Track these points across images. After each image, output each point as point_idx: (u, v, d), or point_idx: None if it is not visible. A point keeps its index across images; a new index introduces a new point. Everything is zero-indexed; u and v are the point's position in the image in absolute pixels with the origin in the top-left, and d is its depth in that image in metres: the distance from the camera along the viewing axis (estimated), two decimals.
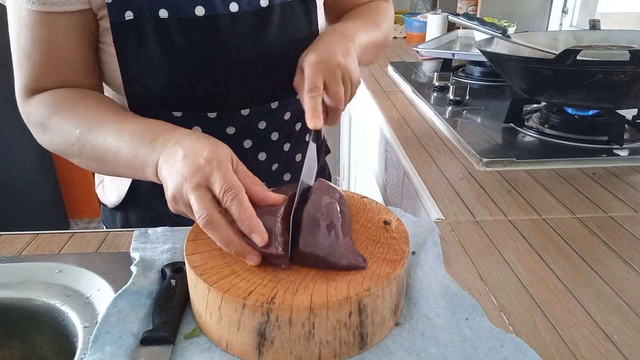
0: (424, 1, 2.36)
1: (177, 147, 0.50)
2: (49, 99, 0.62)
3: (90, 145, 0.58)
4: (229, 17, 0.64)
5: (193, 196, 0.46)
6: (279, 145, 0.75)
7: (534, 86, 0.98)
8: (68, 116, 0.60)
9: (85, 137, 0.58)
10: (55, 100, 0.62)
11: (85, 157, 0.60)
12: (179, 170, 0.48)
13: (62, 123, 0.60)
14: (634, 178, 0.82)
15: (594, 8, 1.93)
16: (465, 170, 0.85)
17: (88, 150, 0.59)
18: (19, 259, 0.59)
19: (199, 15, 0.62)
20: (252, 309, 0.41)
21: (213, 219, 0.45)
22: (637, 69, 0.82)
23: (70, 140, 0.59)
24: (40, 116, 0.61)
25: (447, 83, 1.28)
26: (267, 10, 0.66)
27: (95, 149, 0.58)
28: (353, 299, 0.42)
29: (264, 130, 0.72)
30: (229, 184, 0.46)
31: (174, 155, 0.50)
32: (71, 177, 2.55)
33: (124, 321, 0.46)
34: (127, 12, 0.60)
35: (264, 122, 0.71)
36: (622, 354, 0.45)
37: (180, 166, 0.48)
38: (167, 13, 0.61)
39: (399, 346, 0.45)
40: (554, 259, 0.60)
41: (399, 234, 0.51)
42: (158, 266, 0.54)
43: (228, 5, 0.64)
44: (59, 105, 0.61)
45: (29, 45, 0.61)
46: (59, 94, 0.62)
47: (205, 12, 0.62)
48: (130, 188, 0.75)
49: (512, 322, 0.49)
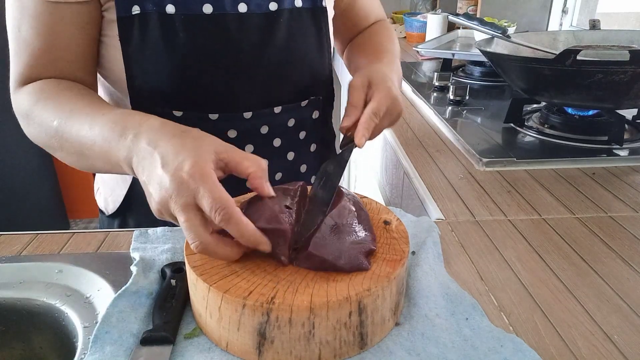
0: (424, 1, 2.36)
1: (152, 150, 0.46)
2: (35, 87, 0.61)
3: (67, 137, 0.56)
4: (237, 17, 0.64)
5: (182, 218, 0.43)
6: (282, 152, 0.75)
7: (534, 86, 0.98)
8: (48, 106, 0.58)
9: (62, 129, 0.56)
10: (40, 89, 0.60)
11: (65, 150, 0.57)
12: (160, 182, 0.44)
13: (42, 113, 0.58)
14: (634, 178, 0.82)
15: (594, 8, 1.93)
16: (465, 170, 0.85)
17: (66, 144, 0.56)
18: (19, 259, 0.59)
19: (207, 13, 0.62)
20: (252, 309, 0.41)
21: (207, 244, 0.43)
22: (637, 69, 0.82)
23: (49, 131, 0.57)
24: (26, 105, 0.60)
25: (447, 83, 1.28)
26: (276, 14, 0.66)
27: (72, 141, 0.55)
28: (353, 299, 0.42)
29: (266, 135, 0.71)
30: (218, 201, 0.41)
31: (150, 160, 0.46)
32: (71, 177, 2.55)
33: (124, 321, 0.46)
34: (134, 7, 0.60)
35: (267, 126, 0.71)
36: (622, 354, 0.45)
37: (161, 177, 0.44)
38: (174, 9, 0.61)
39: (399, 346, 0.45)
40: (554, 259, 0.60)
41: (399, 234, 0.51)
42: (158, 266, 0.54)
43: (237, 6, 0.64)
44: (42, 93, 0.60)
45: (30, 34, 0.59)
46: (44, 83, 0.61)
47: (213, 10, 0.62)
48: (127, 194, 0.74)
49: (512, 322, 0.49)
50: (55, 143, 0.57)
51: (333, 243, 0.46)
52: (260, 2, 0.65)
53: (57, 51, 0.61)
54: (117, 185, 0.76)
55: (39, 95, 0.59)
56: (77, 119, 0.55)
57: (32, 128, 0.60)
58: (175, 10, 0.61)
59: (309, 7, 0.70)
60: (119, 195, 0.76)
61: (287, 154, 0.75)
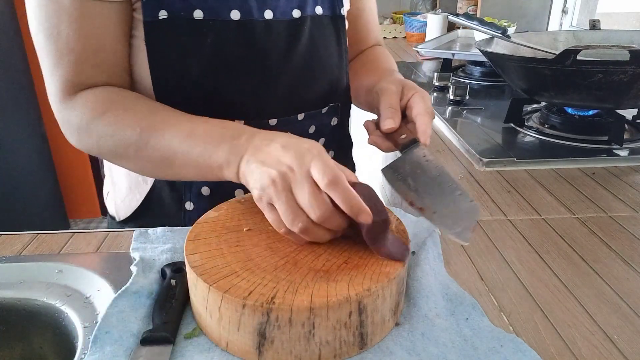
0: (424, 1, 2.36)
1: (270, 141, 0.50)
2: (100, 96, 0.58)
3: (152, 145, 0.55)
4: (263, 24, 0.63)
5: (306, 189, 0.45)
6: None
7: (534, 86, 0.98)
8: (126, 115, 0.57)
9: (147, 138, 0.56)
10: (107, 97, 0.59)
11: (143, 159, 0.57)
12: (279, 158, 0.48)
13: (117, 122, 0.57)
14: (634, 178, 0.82)
15: (594, 8, 1.93)
16: (465, 170, 0.85)
17: (149, 152, 0.56)
18: (19, 259, 0.59)
19: (235, 19, 0.61)
20: (252, 309, 0.41)
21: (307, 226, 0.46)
22: (637, 69, 0.82)
23: (127, 140, 0.56)
24: (88, 115, 0.58)
25: (447, 83, 1.28)
26: (300, 21, 0.66)
27: (159, 149, 0.55)
28: (353, 299, 0.42)
29: None
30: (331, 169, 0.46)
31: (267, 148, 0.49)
32: (71, 177, 2.55)
33: (124, 321, 0.46)
34: (161, 11, 0.59)
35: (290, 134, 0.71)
36: (622, 354, 0.45)
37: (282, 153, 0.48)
38: (202, 14, 0.60)
39: (399, 346, 0.45)
40: (554, 259, 0.60)
41: (399, 234, 0.51)
42: (158, 266, 0.54)
43: (263, 12, 0.63)
44: (111, 103, 0.58)
45: (73, 37, 0.56)
46: (111, 92, 0.59)
47: (241, 16, 0.62)
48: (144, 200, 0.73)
49: (512, 322, 0.49)
50: (131, 152, 0.57)
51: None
52: (285, 9, 0.65)
53: (103, 53, 0.59)
54: (130, 191, 0.75)
55: (107, 105, 0.58)
56: (169, 128, 0.56)
57: (95, 137, 0.58)
58: (203, 16, 0.60)
59: (329, 15, 0.70)
60: (132, 200, 0.75)
61: None
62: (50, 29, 0.56)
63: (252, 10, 0.62)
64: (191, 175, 0.57)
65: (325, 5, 0.70)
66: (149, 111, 0.58)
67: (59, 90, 0.59)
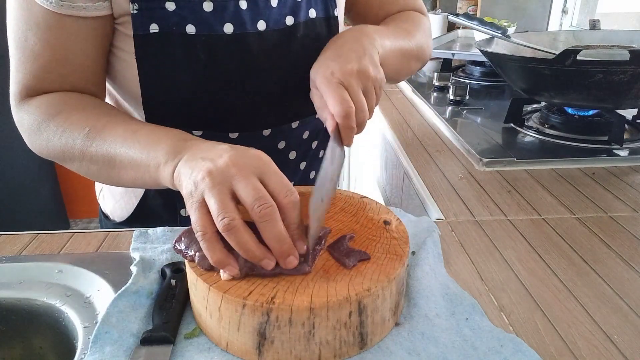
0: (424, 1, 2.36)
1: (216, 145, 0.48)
2: (55, 99, 0.58)
3: (96, 145, 0.55)
4: (257, 36, 0.62)
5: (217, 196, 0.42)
6: (295, 164, 0.75)
7: (534, 86, 0.98)
8: (75, 117, 0.57)
9: (93, 137, 0.55)
10: (61, 100, 0.58)
11: (88, 160, 0.56)
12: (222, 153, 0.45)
13: (65, 124, 0.57)
14: (634, 178, 0.82)
15: (594, 8, 1.93)
16: (465, 170, 0.85)
17: (92, 152, 0.55)
18: (19, 259, 0.59)
19: (228, 33, 0.60)
20: (252, 309, 0.41)
21: (235, 224, 0.42)
22: (637, 69, 0.82)
23: (73, 141, 0.56)
24: (40, 117, 0.58)
25: (447, 83, 1.28)
26: (293, 28, 0.65)
27: (102, 149, 0.55)
28: (353, 299, 0.42)
29: (283, 149, 0.71)
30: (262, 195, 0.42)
31: (209, 150, 0.47)
32: (71, 177, 2.55)
33: (124, 321, 0.46)
34: (152, 25, 0.57)
35: (284, 142, 0.71)
36: (622, 354, 0.45)
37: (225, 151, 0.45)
38: (195, 29, 0.58)
39: (399, 346, 0.45)
40: (554, 259, 0.60)
41: (399, 234, 0.51)
42: (158, 266, 0.54)
43: (256, 24, 0.62)
44: (65, 105, 0.58)
45: (39, 46, 0.57)
46: (65, 95, 0.59)
47: (234, 30, 0.60)
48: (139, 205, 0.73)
49: (512, 322, 0.49)
50: (77, 153, 0.56)
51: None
52: (278, 17, 0.64)
53: (70, 65, 0.58)
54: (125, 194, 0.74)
55: (59, 107, 0.58)
56: (115, 128, 0.55)
57: (44, 138, 0.58)
58: (195, 30, 0.59)
59: (323, 17, 0.69)
60: (128, 203, 0.75)
61: (301, 164, 0.76)
62: (19, 34, 0.57)
63: (245, 23, 0.61)
64: (130, 177, 0.54)
65: (319, 7, 0.68)
66: (101, 113, 0.57)
67: (17, 93, 0.60)
